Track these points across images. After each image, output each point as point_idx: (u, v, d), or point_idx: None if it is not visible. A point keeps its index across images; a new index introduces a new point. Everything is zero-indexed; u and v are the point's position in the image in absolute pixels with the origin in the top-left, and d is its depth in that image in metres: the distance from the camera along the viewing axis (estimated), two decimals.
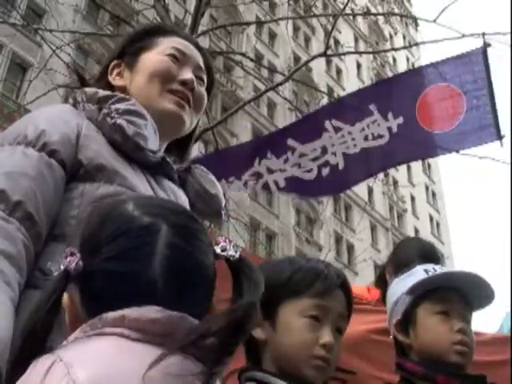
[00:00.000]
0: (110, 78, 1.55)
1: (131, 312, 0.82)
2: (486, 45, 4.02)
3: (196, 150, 24.31)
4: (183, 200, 1.47)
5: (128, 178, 1.33)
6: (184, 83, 1.51)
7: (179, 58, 1.54)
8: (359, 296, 2.73)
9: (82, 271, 0.87)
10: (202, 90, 1.59)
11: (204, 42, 19.81)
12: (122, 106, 1.40)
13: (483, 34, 4.10)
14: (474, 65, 3.99)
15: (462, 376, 1.63)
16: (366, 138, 4.03)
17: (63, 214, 1.27)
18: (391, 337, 1.81)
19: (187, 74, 1.52)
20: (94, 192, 1.28)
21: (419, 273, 1.75)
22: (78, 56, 17.22)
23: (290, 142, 4.12)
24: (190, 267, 0.88)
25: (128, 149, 1.37)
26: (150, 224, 0.89)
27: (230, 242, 0.94)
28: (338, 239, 32.33)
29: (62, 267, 0.87)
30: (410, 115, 3.98)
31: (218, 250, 0.92)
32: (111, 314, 0.83)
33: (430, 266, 1.77)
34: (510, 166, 4.19)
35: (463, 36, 6.90)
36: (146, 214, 0.90)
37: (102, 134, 1.37)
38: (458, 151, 4.08)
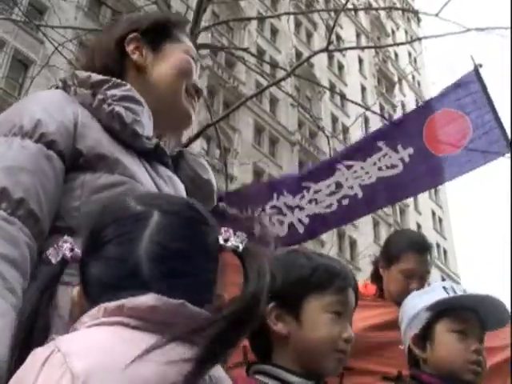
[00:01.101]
0: (128, 50, 1.50)
1: (129, 301, 0.82)
2: (478, 65, 4.15)
3: (198, 145, 24.33)
4: (179, 186, 1.46)
5: (128, 167, 1.31)
6: (197, 91, 1.56)
7: (194, 62, 1.58)
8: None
9: (83, 264, 0.89)
10: None
11: (206, 37, 19.77)
12: (117, 91, 1.37)
13: (472, 57, 4.23)
14: (470, 87, 4.14)
15: None
16: (380, 169, 4.16)
17: (64, 205, 1.24)
18: (405, 347, 1.85)
19: (199, 83, 1.57)
20: (94, 182, 1.26)
21: (438, 290, 1.81)
22: (80, 53, 17.20)
23: (304, 183, 4.28)
24: (180, 253, 0.87)
25: (125, 136, 1.35)
26: (142, 211, 0.90)
27: (234, 232, 0.92)
28: (341, 235, 32.30)
29: (59, 255, 0.89)
30: (418, 145, 4.12)
31: (220, 240, 0.91)
32: (110, 304, 0.83)
33: (447, 284, 1.84)
34: (510, 162, 4.28)
35: (467, 30, 6.87)
36: (140, 204, 0.92)
37: (97, 121, 1.34)
38: (472, 170, 4.18)
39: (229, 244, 0.90)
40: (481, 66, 4.16)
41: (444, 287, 1.81)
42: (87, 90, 1.38)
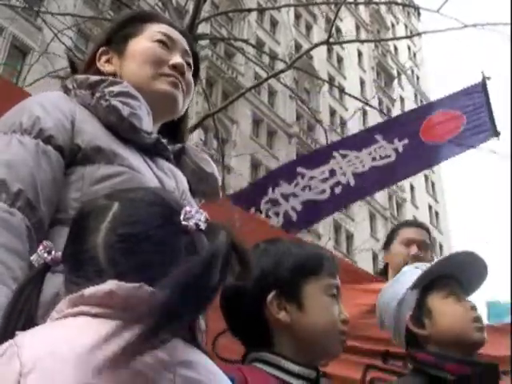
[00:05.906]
0: (99, 65, 1.54)
1: (88, 289, 0.84)
2: (486, 78, 4.45)
3: (196, 136, 24.31)
4: (181, 178, 1.47)
5: (126, 158, 1.33)
6: (175, 67, 1.52)
7: (167, 44, 1.55)
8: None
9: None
10: (190, 75, 1.60)
11: (205, 28, 19.71)
12: (115, 88, 1.40)
13: (482, 72, 4.53)
14: (474, 95, 4.48)
15: (473, 363, 1.66)
16: (373, 159, 4.37)
17: (65, 198, 1.28)
18: (392, 334, 1.86)
19: (178, 59, 1.53)
20: (94, 173, 1.29)
21: (412, 270, 1.84)
22: (78, 40, 17.14)
23: (299, 169, 4.39)
24: (130, 236, 0.89)
25: (123, 130, 1.37)
26: (104, 204, 0.95)
27: (197, 211, 0.93)
28: (337, 228, 32.35)
29: (41, 259, 0.94)
30: (414, 136, 4.39)
31: (182, 219, 0.91)
32: (72, 295, 0.86)
33: (418, 264, 1.89)
34: (510, 159, 4.66)
35: (465, 26, 6.91)
36: (106, 198, 0.96)
37: (96, 118, 1.38)
38: (459, 154, 4.49)
39: (191, 223, 0.91)
40: (489, 78, 4.45)
41: (416, 267, 1.85)
42: (86, 91, 1.43)
